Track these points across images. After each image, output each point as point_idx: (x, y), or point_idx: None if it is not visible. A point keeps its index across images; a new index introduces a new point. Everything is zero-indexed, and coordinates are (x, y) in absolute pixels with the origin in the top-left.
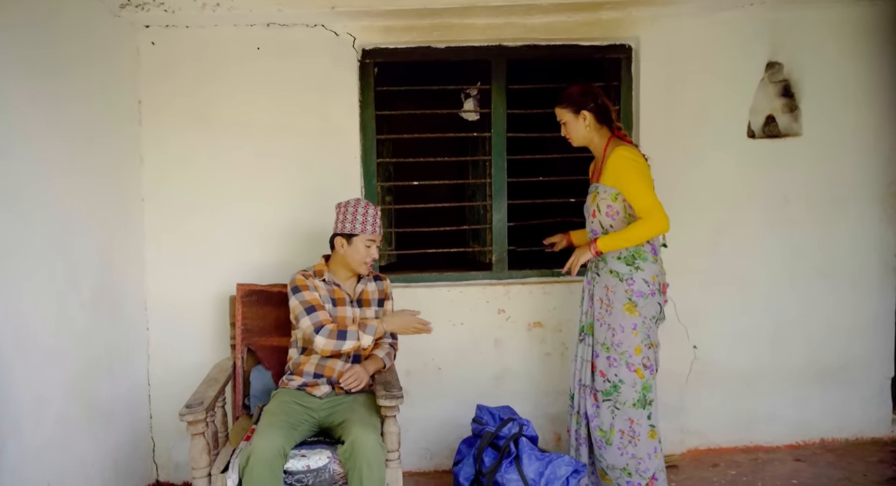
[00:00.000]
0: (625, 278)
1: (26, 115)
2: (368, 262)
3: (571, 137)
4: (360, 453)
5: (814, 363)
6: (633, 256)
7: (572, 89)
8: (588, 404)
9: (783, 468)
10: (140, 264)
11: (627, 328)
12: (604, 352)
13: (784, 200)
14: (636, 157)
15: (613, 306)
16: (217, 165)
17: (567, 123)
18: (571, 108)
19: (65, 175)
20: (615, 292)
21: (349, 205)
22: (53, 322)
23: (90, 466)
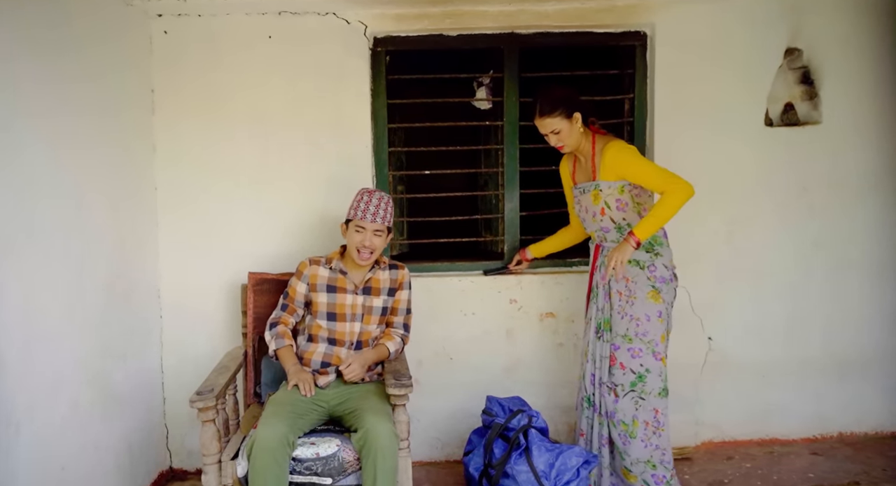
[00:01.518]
0: (646, 265)
1: (40, 106)
2: (362, 251)
3: (566, 144)
4: (375, 441)
5: (831, 355)
6: (651, 242)
7: (556, 94)
8: (608, 401)
9: (799, 462)
10: (153, 251)
11: (653, 317)
12: (626, 343)
13: (802, 189)
14: (629, 145)
15: (636, 296)
16: (229, 154)
17: (561, 130)
18: (563, 113)
19: (78, 163)
20: (636, 281)
21: (359, 192)
22: (67, 307)
23: (104, 450)
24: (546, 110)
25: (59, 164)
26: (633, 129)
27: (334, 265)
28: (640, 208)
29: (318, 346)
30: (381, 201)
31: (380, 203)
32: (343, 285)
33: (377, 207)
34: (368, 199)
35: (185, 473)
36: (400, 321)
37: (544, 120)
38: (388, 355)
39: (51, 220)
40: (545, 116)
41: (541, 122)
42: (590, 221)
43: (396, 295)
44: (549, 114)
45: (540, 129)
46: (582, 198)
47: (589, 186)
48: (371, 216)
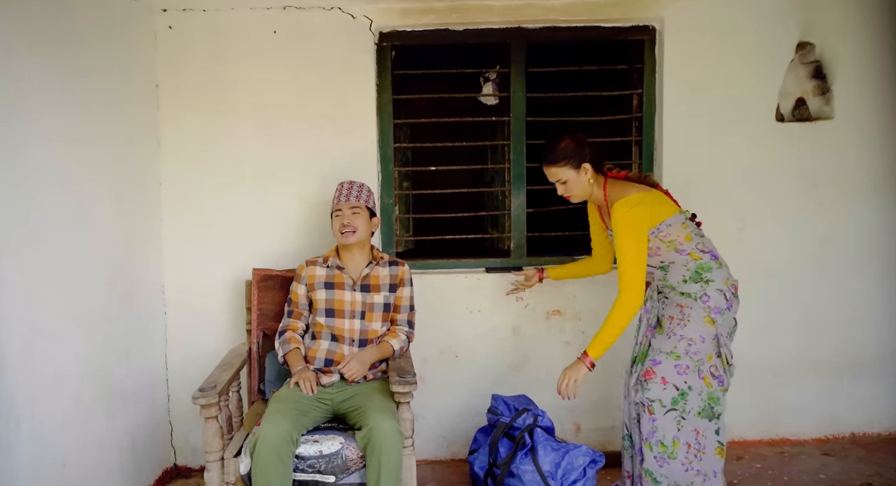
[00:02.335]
0: (699, 296)
1: (43, 101)
2: (344, 232)
3: (573, 195)
4: (379, 439)
5: (843, 355)
6: (698, 271)
7: (564, 144)
8: (644, 421)
9: (810, 463)
10: (157, 247)
11: (707, 338)
12: (671, 359)
13: (812, 186)
14: (635, 209)
15: (690, 319)
16: (233, 150)
17: (568, 181)
18: (571, 164)
19: (81, 158)
20: (692, 308)
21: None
22: (69, 303)
23: (107, 447)
24: (552, 159)
25: (62, 159)
26: (641, 124)
27: (331, 262)
28: (676, 244)
29: (321, 343)
30: (353, 185)
31: (352, 186)
32: (341, 281)
33: (349, 189)
34: (341, 187)
35: (190, 470)
36: (404, 319)
37: (550, 169)
38: (392, 352)
39: (53, 215)
40: (551, 165)
41: (547, 170)
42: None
43: (398, 292)
44: (554, 163)
45: (547, 176)
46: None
47: None
48: (344, 198)
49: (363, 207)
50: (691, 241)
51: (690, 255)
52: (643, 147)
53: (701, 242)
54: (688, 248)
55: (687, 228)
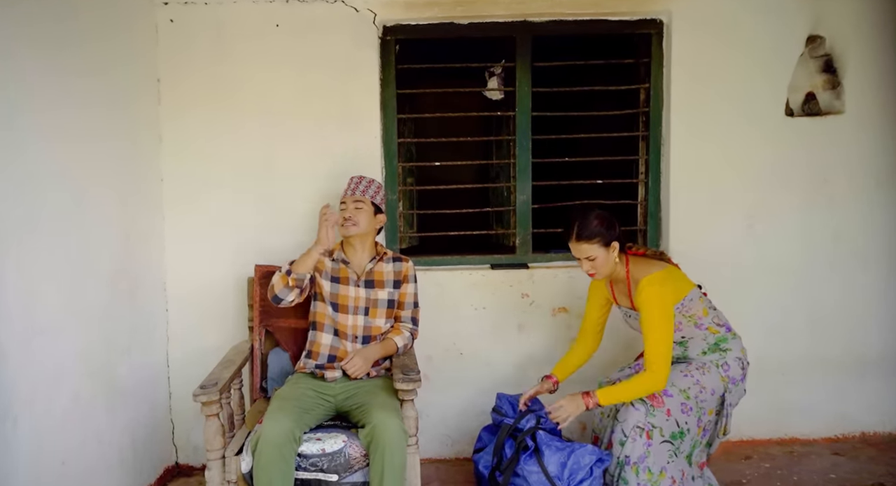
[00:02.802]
0: (719, 364)
1: (42, 93)
2: (345, 224)
3: (599, 273)
4: (382, 437)
5: (854, 353)
6: (717, 343)
7: (597, 222)
8: (639, 445)
9: (820, 462)
10: (159, 244)
11: (717, 394)
12: (681, 397)
13: (823, 181)
14: (661, 288)
15: (710, 371)
16: (236, 145)
17: (597, 258)
18: (601, 241)
19: (82, 154)
20: (711, 370)
21: None
22: (69, 300)
23: (107, 445)
24: (583, 236)
25: (61, 154)
26: (648, 119)
27: (336, 256)
28: (696, 319)
29: (323, 336)
30: (361, 180)
31: (360, 181)
32: (345, 276)
33: (357, 183)
34: (350, 180)
35: (192, 469)
36: (408, 315)
37: (581, 245)
38: (395, 349)
39: (53, 210)
40: (582, 241)
41: (576, 246)
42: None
43: (402, 288)
44: (586, 240)
45: (573, 252)
46: (631, 321)
47: (635, 314)
48: (350, 191)
49: (367, 202)
50: (708, 315)
51: (709, 329)
52: (650, 142)
53: (716, 315)
54: (706, 322)
55: (703, 302)
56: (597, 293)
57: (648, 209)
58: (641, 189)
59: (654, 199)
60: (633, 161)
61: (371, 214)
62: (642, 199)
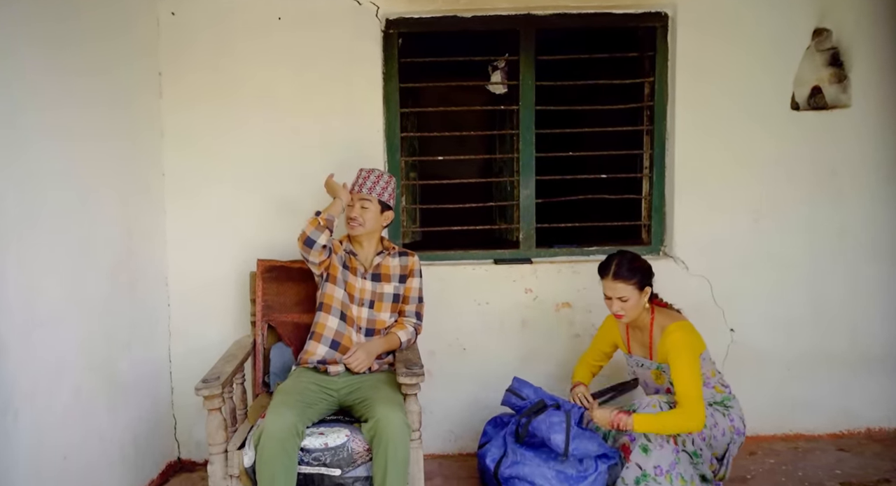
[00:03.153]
0: (725, 415)
1: (43, 87)
2: (350, 222)
3: (627, 314)
4: (385, 431)
5: (859, 349)
6: (722, 401)
7: (638, 263)
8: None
9: (825, 458)
10: (161, 239)
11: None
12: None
13: (830, 175)
14: (691, 335)
15: (720, 418)
16: (238, 139)
17: (629, 299)
18: (636, 283)
19: (83, 149)
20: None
21: None
22: (70, 293)
23: (109, 441)
24: (623, 275)
25: (63, 151)
26: (653, 113)
27: (345, 246)
28: (705, 378)
29: (329, 318)
30: (371, 174)
31: (369, 175)
32: (354, 266)
33: (365, 179)
34: (359, 174)
35: (194, 464)
36: (412, 310)
37: (617, 284)
38: (399, 344)
39: (54, 206)
40: (619, 280)
41: (612, 284)
42: (651, 392)
43: (407, 283)
44: (624, 279)
45: (606, 290)
46: (640, 371)
47: (649, 364)
48: (358, 188)
49: (374, 201)
50: (715, 376)
51: (715, 388)
52: (655, 137)
53: (720, 377)
54: (713, 382)
55: (710, 363)
56: (607, 335)
57: (653, 204)
58: (646, 184)
59: (658, 193)
60: (638, 156)
61: (377, 213)
62: (646, 193)
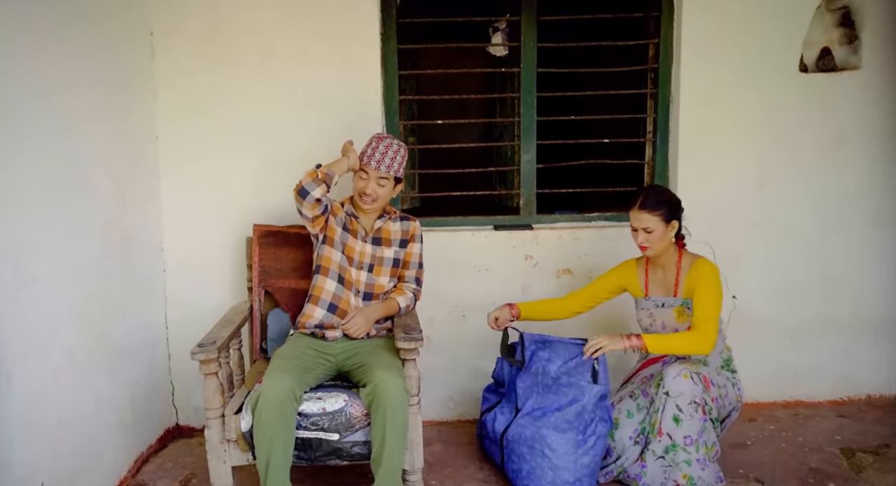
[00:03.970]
0: (734, 384)
1: (31, 47)
2: (363, 197)
3: (652, 248)
4: (384, 396)
5: (862, 315)
6: (728, 361)
7: (666, 196)
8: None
9: (825, 424)
10: (156, 203)
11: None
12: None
13: (838, 139)
14: (718, 273)
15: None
16: (233, 102)
17: (654, 231)
18: (664, 215)
19: (71, 109)
20: (728, 387)
21: (371, 137)
22: (61, 256)
23: (105, 405)
24: (649, 205)
25: (49, 111)
26: (657, 76)
27: (346, 208)
28: (721, 326)
29: (327, 281)
30: (389, 149)
31: (387, 151)
32: (354, 229)
33: (383, 155)
34: (377, 145)
35: (192, 430)
36: (412, 276)
37: (642, 214)
38: (397, 309)
39: (42, 166)
40: (645, 210)
41: (637, 215)
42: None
43: (408, 248)
44: (649, 210)
45: (633, 222)
46: (658, 312)
47: (672, 301)
48: (375, 163)
49: (391, 178)
50: (722, 333)
51: (725, 345)
52: (658, 100)
53: (725, 337)
54: (720, 338)
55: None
56: (617, 277)
57: (656, 169)
58: (649, 148)
59: (661, 158)
60: (641, 120)
61: (391, 188)
62: (649, 159)
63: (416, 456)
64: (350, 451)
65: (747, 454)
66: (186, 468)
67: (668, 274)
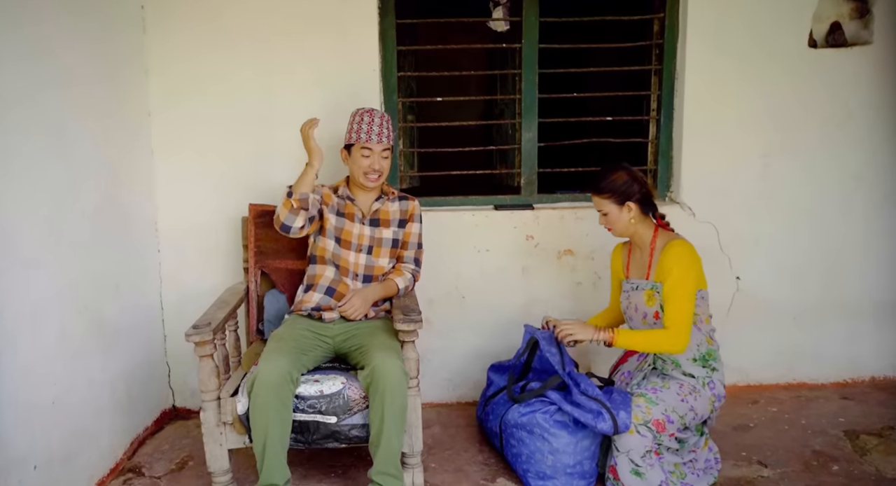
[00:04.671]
0: (705, 382)
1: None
2: (370, 174)
3: (613, 228)
4: (383, 379)
5: (867, 297)
6: (706, 357)
7: (615, 177)
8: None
9: (829, 406)
10: (149, 182)
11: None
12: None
13: (847, 116)
14: (694, 256)
15: (701, 394)
16: (227, 78)
17: (609, 214)
18: (614, 198)
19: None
20: (699, 391)
21: (353, 114)
22: (50, 234)
23: (99, 386)
24: (596, 189)
25: (37, 84)
26: (661, 52)
27: (341, 192)
28: (697, 319)
29: (326, 269)
30: (382, 120)
31: (382, 122)
32: (351, 212)
33: (381, 127)
34: (370, 119)
35: (189, 412)
36: (411, 256)
37: (595, 197)
38: (396, 291)
39: (28, 142)
40: (594, 193)
41: (594, 198)
42: (638, 321)
43: (407, 228)
44: (598, 193)
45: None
46: (633, 294)
47: (643, 284)
48: (377, 137)
49: (390, 148)
50: (709, 324)
51: (706, 338)
52: (663, 77)
53: (714, 331)
54: (705, 330)
55: (708, 309)
56: (615, 266)
57: (659, 148)
58: (653, 127)
59: (665, 137)
60: (645, 97)
61: (390, 159)
62: (653, 137)
63: (415, 439)
64: (348, 434)
65: (749, 436)
66: (183, 451)
67: (643, 255)
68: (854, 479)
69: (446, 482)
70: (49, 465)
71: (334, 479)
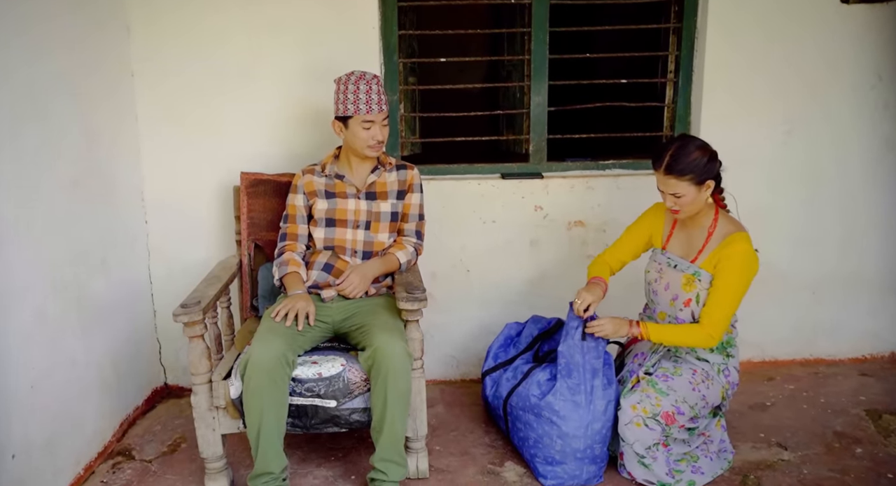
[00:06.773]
0: (721, 369)
1: None
2: (373, 145)
3: (684, 210)
4: (385, 361)
5: (890, 270)
6: (724, 344)
7: (695, 156)
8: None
9: (848, 383)
10: (134, 148)
11: (714, 404)
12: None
13: (877, 79)
14: (756, 261)
15: (714, 383)
16: (215, 39)
17: (685, 196)
18: (695, 179)
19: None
20: (714, 381)
21: (341, 81)
22: (23, 206)
23: (83, 366)
24: (675, 170)
25: (2, 39)
26: (681, 9)
27: (328, 171)
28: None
29: (321, 252)
30: (377, 85)
31: (378, 88)
32: (342, 190)
33: (378, 94)
34: (367, 87)
35: (182, 390)
36: (412, 229)
37: (669, 179)
38: (398, 266)
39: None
40: (671, 175)
41: (664, 179)
42: (664, 300)
43: (406, 199)
44: (677, 175)
45: (659, 184)
46: (668, 272)
47: (685, 266)
48: (377, 106)
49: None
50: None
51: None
52: (682, 36)
53: (736, 320)
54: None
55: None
56: (647, 225)
57: (676, 113)
58: (670, 90)
59: (683, 101)
60: (662, 58)
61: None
62: (670, 101)
63: (419, 423)
64: (348, 418)
65: (767, 416)
66: (175, 431)
67: (694, 236)
68: (879, 462)
69: (452, 466)
70: (28, 452)
71: (334, 463)
